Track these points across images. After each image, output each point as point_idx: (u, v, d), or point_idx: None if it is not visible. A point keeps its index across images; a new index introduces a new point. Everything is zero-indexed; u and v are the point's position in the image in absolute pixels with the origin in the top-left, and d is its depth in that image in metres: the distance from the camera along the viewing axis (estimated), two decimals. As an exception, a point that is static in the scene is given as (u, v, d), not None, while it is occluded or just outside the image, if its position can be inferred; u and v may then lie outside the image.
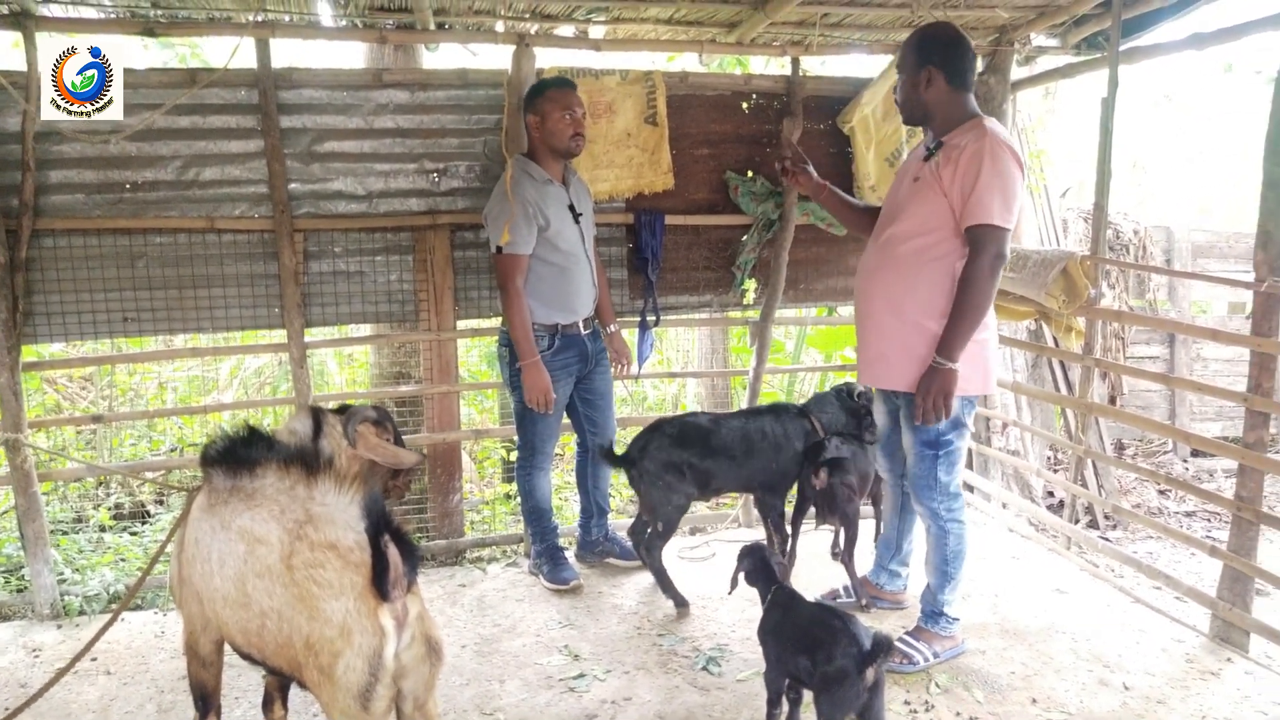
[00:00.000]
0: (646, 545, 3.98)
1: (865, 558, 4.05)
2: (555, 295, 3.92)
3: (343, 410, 2.94)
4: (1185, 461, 6.88)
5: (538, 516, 4.23)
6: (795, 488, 4.06)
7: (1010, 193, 3.03)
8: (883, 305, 3.29)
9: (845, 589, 3.92)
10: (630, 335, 4.27)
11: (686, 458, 3.87)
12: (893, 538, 3.85)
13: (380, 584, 2.07)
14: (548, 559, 4.20)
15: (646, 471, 3.88)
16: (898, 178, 3.46)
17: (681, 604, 3.90)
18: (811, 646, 2.65)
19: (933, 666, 3.40)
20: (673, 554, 4.58)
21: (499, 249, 3.78)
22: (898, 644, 3.41)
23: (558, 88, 3.86)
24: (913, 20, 4.43)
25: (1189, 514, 5.93)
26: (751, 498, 4.96)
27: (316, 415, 2.87)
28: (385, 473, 2.96)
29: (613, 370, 4.29)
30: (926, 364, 3.15)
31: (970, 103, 3.22)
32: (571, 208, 3.93)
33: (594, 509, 4.40)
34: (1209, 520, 5.83)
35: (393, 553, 2.08)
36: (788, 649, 2.77)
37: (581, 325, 4.03)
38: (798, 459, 3.96)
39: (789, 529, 4.10)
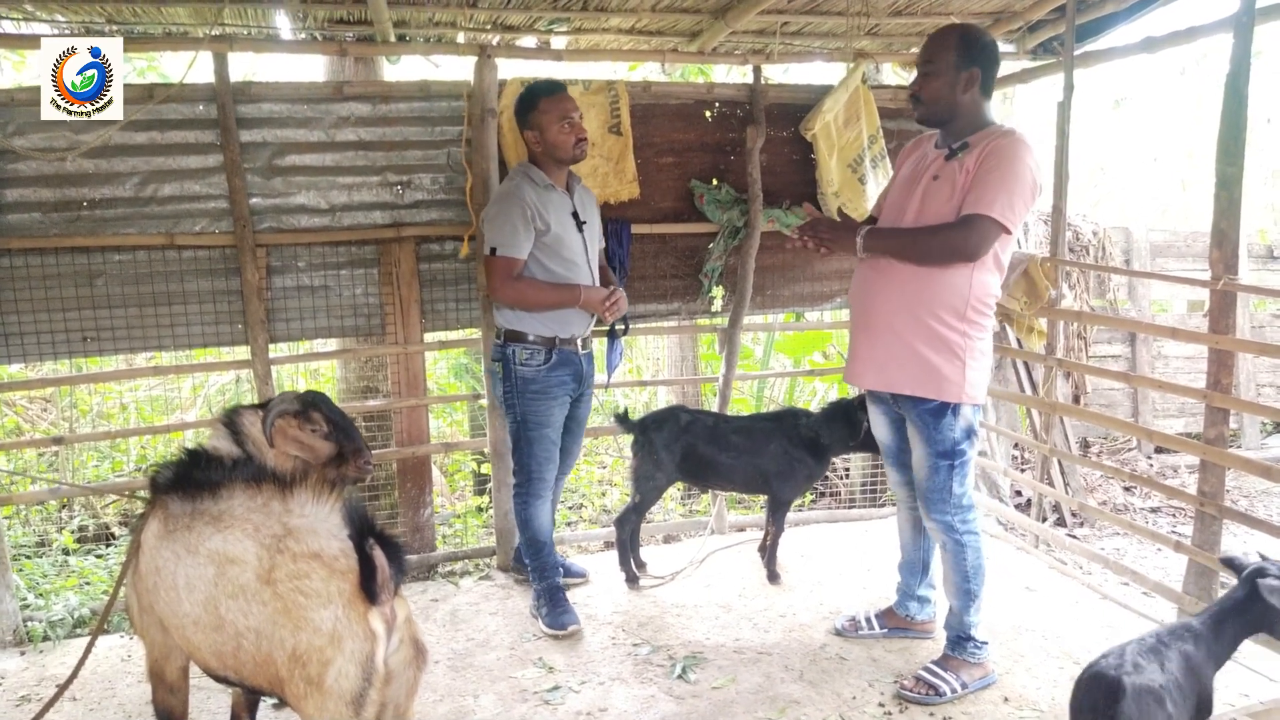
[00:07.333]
0: None
1: (886, 585, 3.87)
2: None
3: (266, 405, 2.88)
4: (1149, 458, 6.97)
5: (536, 550, 3.98)
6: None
7: (1017, 196, 2.93)
8: (893, 305, 3.13)
9: (867, 620, 3.72)
10: (599, 345, 4.25)
11: None
12: (916, 559, 3.63)
13: (368, 588, 2.05)
14: (547, 600, 3.91)
15: None
16: (905, 181, 3.28)
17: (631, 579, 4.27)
18: None
19: (961, 697, 3.23)
20: (682, 560, 4.57)
21: (492, 250, 3.63)
22: (922, 674, 3.28)
23: (549, 95, 3.68)
24: (871, 29, 4.48)
25: (1154, 510, 6.01)
26: (719, 509, 4.98)
27: (231, 421, 2.81)
28: (330, 462, 2.90)
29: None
30: (933, 367, 3.06)
31: (989, 110, 3.13)
32: (575, 215, 3.80)
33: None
34: (1174, 516, 5.91)
35: (379, 556, 2.06)
36: None
37: (579, 345, 3.86)
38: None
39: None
